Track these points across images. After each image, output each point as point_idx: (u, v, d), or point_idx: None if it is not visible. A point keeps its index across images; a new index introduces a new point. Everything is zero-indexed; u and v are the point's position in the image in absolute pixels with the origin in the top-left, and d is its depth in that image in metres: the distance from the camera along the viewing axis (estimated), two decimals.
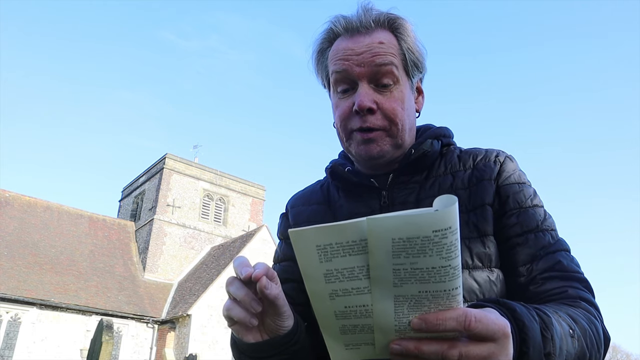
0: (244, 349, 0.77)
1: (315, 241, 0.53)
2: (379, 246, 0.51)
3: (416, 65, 0.97)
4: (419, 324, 0.54)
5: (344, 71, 0.93)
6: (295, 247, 0.54)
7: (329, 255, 0.54)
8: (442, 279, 0.52)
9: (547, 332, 0.64)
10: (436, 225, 0.49)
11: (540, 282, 0.85)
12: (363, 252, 0.53)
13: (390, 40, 0.94)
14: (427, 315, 0.53)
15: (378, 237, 0.51)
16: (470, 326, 0.52)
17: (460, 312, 0.53)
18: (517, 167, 0.98)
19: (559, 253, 0.88)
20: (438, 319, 0.53)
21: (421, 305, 0.54)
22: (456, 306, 0.54)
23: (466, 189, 0.94)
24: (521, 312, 0.62)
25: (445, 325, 0.52)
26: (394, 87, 0.93)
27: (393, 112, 0.92)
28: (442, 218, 0.49)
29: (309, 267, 0.55)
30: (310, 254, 0.54)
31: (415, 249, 0.50)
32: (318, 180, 1.17)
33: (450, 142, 1.05)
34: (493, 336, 0.53)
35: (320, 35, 1.01)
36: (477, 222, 0.90)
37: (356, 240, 0.52)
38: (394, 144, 0.95)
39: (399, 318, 0.56)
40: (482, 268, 0.88)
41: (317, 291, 0.57)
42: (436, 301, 0.53)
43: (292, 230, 0.53)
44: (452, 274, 0.52)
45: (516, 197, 0.92)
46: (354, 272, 0.54)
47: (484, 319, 0.53)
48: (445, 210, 0.48)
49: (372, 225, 0.51)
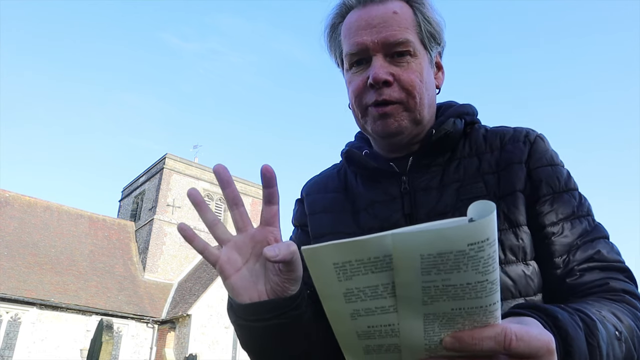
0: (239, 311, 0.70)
1: (332, 259, 0.47)
2: (405, 263, 0.46)
3: (433, 36, 0.91)
4: (452, 343, 0.48)
5: (357, 44, 0.87)
6: (310, 267, 0.49)
7: (349, 273, 0.48)
8: (478, 295, 0.46)
9: (593, 339, 0.58)
10: (472, 238, 0.43)
11: (579, 274, 0.78)
12: (387, 269, 0.47)
13: (406, 11, 0.88)
14: (461, 334, 0.48)
15: (404, 254, 0.45)
16: (511, 346, 0.46)
17: (499, 330, 0.47)
18: (549, 147, 0.89)
19: (597, 241, 0.80)
20: (474, 337, 0.47)
21: (454, 323, 0.48)
22: (494, 322, 0.48)
23: (494, 173, 0.86)
24: (564, 320, 0.56)
25: (482, 345, 0.47)
26: (412, 58, 0.87)
27: (411, 83, 0.85)
28: (479, 229, 0.42)
29: (327, 286, 0.49)
30: (328, 273, 0.48)
31: (448, 265, 0.45)
32: (334, 164, 1.08)
33: (475, 120, 0.96)
34: (536, 354, 0.48)
35: (332, 10, 0.95)
36: (507, 212, 0.82)
37: (379, 257, 0.46)
38: (412, 118, 0.87)
39: (429, 336, 0.50)
40: (515, 262, 0.80)
41: (337, 311, 0.51)
42: (472, 318, 0.48)
43: (305, 248, 0.48)
44: (489, 288, 0.46)
45: (549, 181, 0.84)
46: (377, 291, 0.48)
47: (525, 336, 0.47)
48: (483, 221, 0.42)
49: (397, 242, 0.45)
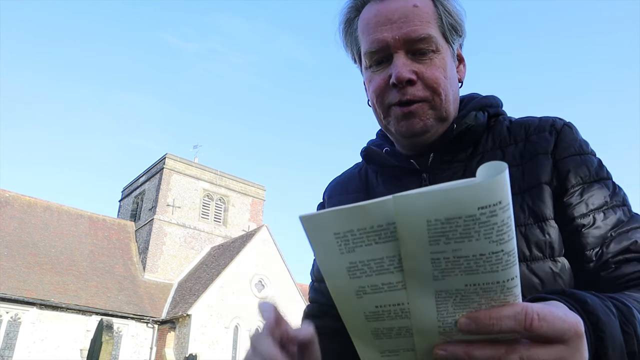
0: None
1: (333, 228, 0.43)
2: (410, 231, 0.41)
3: (455, 29, 0.87)
4: (468, 325, 0.44)
5: (377, 41, 0.82)
6: (310, 237, 0.44)
7: (351, 244, 0.43)
8: (493, 268, 0.41)
9: (629, 327, 0.53)
10: (482, 201, 0.38)
11: (614, 267, 0.72)
12: (392, 238, 0.42)
13: (426, 3, 0.84)
14: (478, 314, 0.44)
15: (408, 219, 0.40)
16: (532, 326, 0.42)
17: (519, 309, 0.43)
18: (577, 136, 0.84)
19: (634, 231, 0.74)
20: (491, 317, 0.43)
21: (469, 301, 0.44)
22: (513, 301, 0.43)
23: (519, 165, 0.82)
24: (594, 305, 0.52)
25: (501, 326, 0.42)
26: (434, 54, 0.83)
27: (435, 80, 0.82)
28: (490, 190, 0.38)
29: (328, 260, 0.45)
30: (329, 245, 0.44)
31: (458, 233, 0.40)
32: (356, 163, 1.05)
33: (500, 111, 0.93)
34: (562, 337, 0.43)
35: (346, 4, 0.90)
36: (533, 205, 0.78)
37: (382, 225, 0.42)
38: (437, 117, 0.84)
39: (443, 317, 0.46)
40: (542, 259, 0.75)
41: (341, 289, 0.47)
42: (488, 295, 0.43)
43: (303, 215, 0.43)
44: (506, 260, 0.41)
45: (578, 171, 0.79)
46: (383, 265, 0.44)
47: (549, 315, 0.43)
48: (493, 180, 0.38)
49: (399, 205, 0.40)
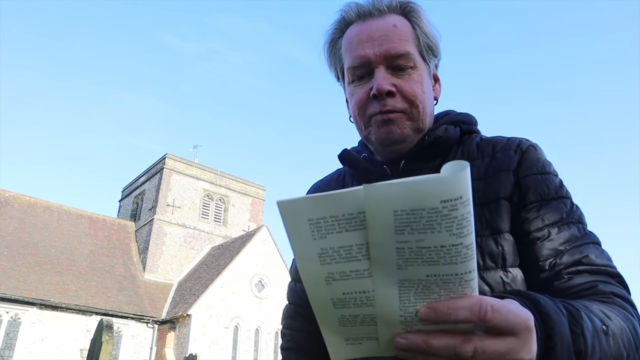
0: None
1: (307, 214, 0.45)
2: (378, 220, 0.44)
3: (431, 49, 0.94)
4: (428, 314, 0.47)
5: (360, 57, 0.89)
6: (286, 222, 0.47)
7: (323, 231, 0.46)
8: (453, 260, 0.45)
9: (577, 327, 0.56)
10: (445, 195, 0.42)
11: (567, 278, 0.76)
12: (361, 227, 0.45)
13: (405, 24, 0.92)
14: (437, 304, 0.47)
15: (377, 208, 0.44)
16: (486, 317, 0.45)
17: (475, 301, 0.46)
18: (541, 157, 0.90)
19: (586, 246, 0.79)
20: (449, 307, 0.46)
21: (430, 292, 0.47)
22: (470, 293, 0.47)
23: (482, 179, 0.88)
24: (546, 304, 0.55)
25: (457, 316, 0.46)
26: (412, 70, 0.90)
27: (413, 94, 0.88)
28: (452, 185, 0.42)
29: (301, 245, 0.47)
30: (302, 230, 0.46)
31: (421, 224, 0.43)
32: (337, 169, 1.12)
33: (473, 129, 0.98)
34: (513, 329, 0.47)
35: (331, 26, 0.98)
36: (489, 218, 0.84)
37: (353, 213, 0.45)
38: (414, 127, 0.91)
39: (405, 307, 0.48)
40: (494, 269, 0.81)
41: (312, 274, 0.49)
42: (447, 287, 0.46)
43: (280, 200, 0.46)
44: (464, 254, 0.44)
45: (538, 189, 0.84)
46: (351, 252, 0.47)
47: (502, 308, 0.46)
48: (455, 176, 0.42)
49: (369, 195, 0.43)
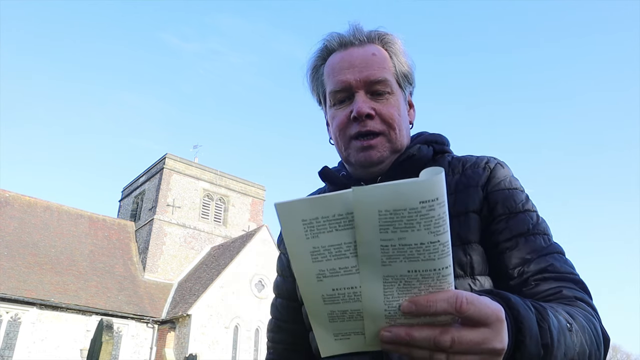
0: None
1: (302, 215, 0.50)
2: (365, 220, 0.49)
3: (407, 77, 1.02)
4: (409, 307, 0.52)
5: (341, 82, 0.96)
6: (282, 222, 0.51)
7: (315, 230, 0.50)
8: (431, 257, 0.49)
9: (544, 323, 0.62)
10: (423, 196, 0.47)
11: (534, 284, 0.83)
12: (350, 226, 0.50)
13: (383, 53, 0.99)
14: (417, 298, 0.52)
15: (364, 209, 0.48)
16: (461, 308, 0.50)
17: (452, 294, 0.51)
18: (508, 173, 0.97)
19: (551, 255, 0.86)
20: (428, 300, 0.51)
21: (411, 287, 0.52)
22: (447, 288, 0.52)
23: (452, 194, 0.94)
24: (515, 301, 0.61)
25: (436, 307, 0.51)
26: (390, 96, 0.97)
27: (391, 116, 0.95)
28: (429, 188, 0.46)
29: (296, 244, 0.52)
30: (297, 230, 0.51)
31: (403, 223, 0.48)
32: (319, 187, 1.18)
33: (445, 149, 1.05)
34: (486, 320, 0.52)
35: (314, 53, 1.05)
36: (459, 230, 0.90)
37: (342, 214, 0.49)
38: (392, 149, 0.97)
39: (389, 302, 0.53)
40: (463, 277, 0.87)
41: (304, 272, 0.53)
42: (426, 282, 0.51)
43: (278, 203, 0.50)
44: (441, 250, 0.49)
45: (505, 203, 0.92)
46: (341, 250, 0.51)
47: (476, 301, 0.51)
48: (432, 180, 0.46)
49: (358, 196, 0.48)
